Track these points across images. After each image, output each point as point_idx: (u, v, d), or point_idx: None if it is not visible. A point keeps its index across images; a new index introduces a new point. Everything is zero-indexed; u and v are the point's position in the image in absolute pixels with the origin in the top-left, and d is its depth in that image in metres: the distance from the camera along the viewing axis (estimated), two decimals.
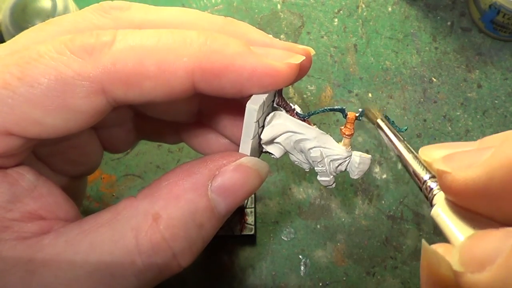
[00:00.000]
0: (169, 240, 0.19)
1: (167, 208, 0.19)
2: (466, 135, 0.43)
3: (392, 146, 0.21)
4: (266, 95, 0.21)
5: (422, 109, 0.44)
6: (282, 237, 0.41)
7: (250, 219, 0.40)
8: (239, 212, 0.40)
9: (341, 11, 0.48)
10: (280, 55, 0.21)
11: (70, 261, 0.18)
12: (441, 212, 0.17)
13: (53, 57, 0.18)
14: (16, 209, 0.19)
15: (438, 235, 0.41)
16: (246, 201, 0.41)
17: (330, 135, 0.23)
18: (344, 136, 0.23)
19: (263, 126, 0.22)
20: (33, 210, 0.19)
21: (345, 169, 0.23)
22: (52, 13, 0.42)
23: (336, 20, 0.48)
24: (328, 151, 0.23)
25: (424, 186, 0.19)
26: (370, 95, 0.45)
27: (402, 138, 0.21)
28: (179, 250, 0.19)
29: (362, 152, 0.24)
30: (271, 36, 0.22)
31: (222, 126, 0.26)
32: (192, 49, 0.19)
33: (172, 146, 0.44)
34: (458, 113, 0.44)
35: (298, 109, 0.23)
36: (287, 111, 0.23)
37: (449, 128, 0.44)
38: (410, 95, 0.45)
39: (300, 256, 0.41)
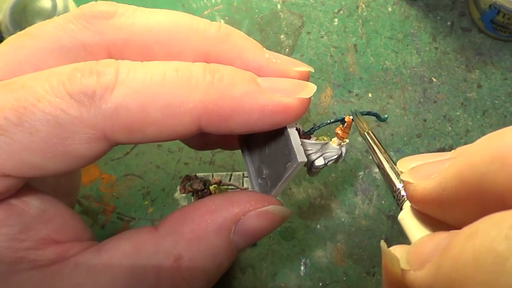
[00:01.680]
0: (189, 280, 0.19)
1: (189, 250, 0.19)
2: (466, 135, 0.43)
3: (374, 156, 0.22)
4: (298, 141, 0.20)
5: (422, 109, 0.44)
6: (282, 237, 0.41)
7: None
8: None
9: (341, 11, 0.48)
10: (290, 88, 0.20)
11: None
12: (405, 217, 0.19)
13: (51, 102, 0.17)
14: (29, 238, 0.18)
15: None
16: None
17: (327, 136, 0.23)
18: (338, 137, 0.23)
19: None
20: (45, 236, 0.19)
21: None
22: (52, 13, 0.42)
23: (336, 20, 0.48)
24: (328, 155, 0.23)
25: (396, 193, 0.20)
26: (370, 95, 0.45)
27: (384, 150, 0.22)
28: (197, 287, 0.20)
29: (362, 151, 0.24)
30: (267, 54, 0.21)
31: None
32: (198, 92, 0.18)
33: (172, 146, 0.44)
34: (458, 113, 0.44)
35: (300, 127, 0.23)
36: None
37: (449, 128, 0.44)
38: (410, 95, 0.45)
39: (300, 256, 0.41)
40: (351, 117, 0.23)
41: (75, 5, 0.45)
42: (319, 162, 0.23)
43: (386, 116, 0.25)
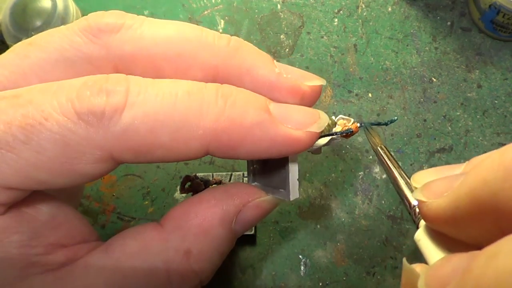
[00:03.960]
0: (198, 272, 0.20)
1: (197, 244, 0.20)
2: (466, 135, 0.43)
3: (388, 172, 0.22)
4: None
5: (422, 109, 0.44)
6: (282, 237, 0.41)
7: None
8: None
9: (341, 11, 0.48)
10: (302, 120, 0.19)
11: None
12: (422, 237, 0.19)
13: (59, 121, 0.16)
14: (40, 244, 0.18)
15: None
16: None
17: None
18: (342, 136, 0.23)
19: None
20: (55, 241, 0.19)
21: None
22: (52, 13, 0.42)
23: (336, 20, 0.48)
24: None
25: (412, 210, 0.20)
26: (370, 95, 0.45)
27: (398, 165, 0.22)
28: (205, 277, 0.21)
29: (362, 151, 0.24)
30: (278, 68, 0.21)
31: None
32: (209, 119, 0.18)
33: None
34: (458, 113, 0.44)
35: None
36: None
37: (449, 128, 0.44)
38: (410, 95, 0.45)
39: (300, 256, 0.41)
40: (358, 125, 0.23)
41: (75, 6, 0.45)
42: (322, 141, 0.23)
43: (395, 118, 0.25)
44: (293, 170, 0.21)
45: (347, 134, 0.23)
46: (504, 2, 0.41)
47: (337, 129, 0.23)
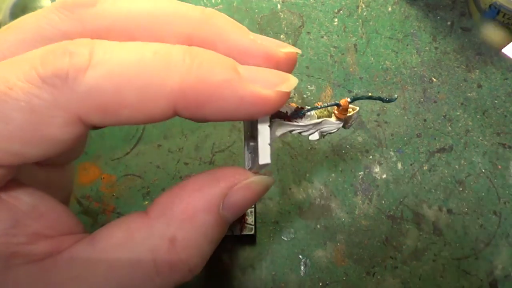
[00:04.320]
0: (186, 259, 0.19)
1: (182, 230, 0.19)
2: (466, 135, 0.43)
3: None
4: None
5: (422, 109, 0.44)
6: (282, 237, 0.41)
7: (250, 219, 0.40)
8: None
9: (341, 11, 0.48)
10: (270, 80, 0.19)
11: (89, 283, 0.18)
12: None
13: (24, 88, 0.16)
14: (21, 233, 0.18)
15: (438, 235, 0.41)
16: None
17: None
18: (336, 116, 0.23)
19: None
20: (37, 231, 0.19)
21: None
22: None
23: (336, 20, 0.48)
24: (325, 129, 0.23)
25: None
26: (370, 95, 0.45)
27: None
28: (194, 265, 0.20)
29: (362, 151, 0.24)
30: (252, 36, 0.21)
31: None
32: (175, 77, 0.17)
33: (172, 146, 0.44)
34: (458, 113, 0.44)
35: (290, 110, 0.22)
36: (281, 118, 0.22)
37: (449, 128, 0.44)
38: (410, 95, 0.45)
39: (300, 256, 0.41)
40: (348, 100, 0.22)
41: None
42: (314, 137, 0.23)
43: (396, 96, 0.24)
44: (263, 132, 0.20)
45: (340, 112, 0.22)
46: (504, 2, 0.41)
47: (333, 118, 0.23)
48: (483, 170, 0.42)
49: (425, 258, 0.41)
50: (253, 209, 0.40)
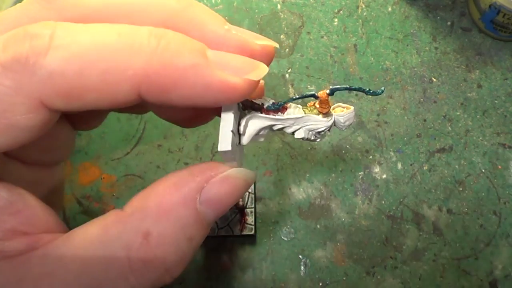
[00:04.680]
0: (161, 256, 0.18)
1: (157, 225, 0.18)
2: (466, 135, 0.43)
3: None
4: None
5: (422, 109, 0.44)
6: (282, 237, 0.41)
7: (250, 219, 0.40)
8: (239, 212, 0.40)
9: (341, 11, 0.48)
10: (240, 67, 0.19)
11: (62, 279, 0.17)
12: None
13: None
14: None
15: (438, 235, 0.41)
16: (246, 201, 0.41)
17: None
18: (322, 114, 0.22)
19: (238, 126, 0.21)
20: (13, 227, 0.18)
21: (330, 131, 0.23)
22: None
23: (336, 20, 0.48)
24: (312, 127, 0.22)
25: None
26: (348, 86, 0.45)
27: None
28: (171, 265, 0.19)
29: (362, 151, 0.24)
30: (228, 26, 0.20)
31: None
32: (139, 59, 0.17)
33: (172, 146, 0.44)
34: (458, 113, 0.44)
35: (267, 103, 0.21)
36: (256, 110, 0.21)
37: (449, 128, 0.44)
38: (410, 95, 0.45)
39: (300, 256, 0.41)
40: (327, 92, 0.21)
41: None
42: (299, 134, 0.22)
43: (382, 88, 0.22)
44: (226, 119, 0.20)
45: (320, 106, 0.21)
46: (504, 2, 0.41)
47: (340, 119, 0.22)
48: (483, 170, 0.42)
49: (425, 258, 0.41)
50: (253, 209, 0.40)
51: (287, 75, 0.46)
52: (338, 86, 0.21)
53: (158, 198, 0.19)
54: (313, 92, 0.21)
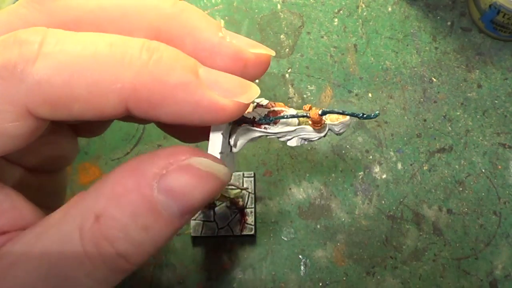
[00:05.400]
0: (111, 240, 0.17)
1: (108, 208, 0.17)
2: (466, 135, 0.43)
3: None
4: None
5: (422, 109, 0.44)
6: (282, 237, 0.41)
7: (250, 219, 0.40)
8: (239, 212, 0.40)
9: (341, 11, 0.48)
10: (231, 88, 0.18)
11: (24, 268, 0.17)
12: None
13: None
14: None
15: (438, 235, 0.41)
16: (246, 201, 0.41)
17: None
18: (317, 129, 0.21)
19: (229, 138, 0.21)
20: None
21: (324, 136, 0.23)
22: None
23: (336, 20, 0.48)
24: (305, 137, 0.22)
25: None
26: (370, 95, 0.45)
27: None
28: (124, 251, 0.18)
29: (362, 151, 0.24)
30: (222, 33, 0.20)
31: None
32: (129, 72, 0.16)
33: None
34: (458, 113, 0.44)
35: (259, 116, 0.21)
36: (247, 123, 0.21)
37: (449, 128, 0.44)
38: (410, 95, 0.45)
39: (300, 256, 0.41)
40: (319, 113, 0.21)
41: None
42: (291, 143, 0.22)
43: (377, 112, 0.21)
44: (214, 140, 0.20)
45: (313, 123, 0.21)
46: (504, 2, 0.41)
47: (335, 128, 0.22)
48: (483, 170, 0.42)
49: (425, 258, 0.41)
50: (253, 209, 0.40)
51: (287, 75, 0.46)
52: (330, 110, 0.21)
53: (114, 180, 0.18)
54: (305, 113, 0.21)
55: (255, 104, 0.22)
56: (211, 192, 0.18)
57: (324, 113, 0.21)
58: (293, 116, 0.21)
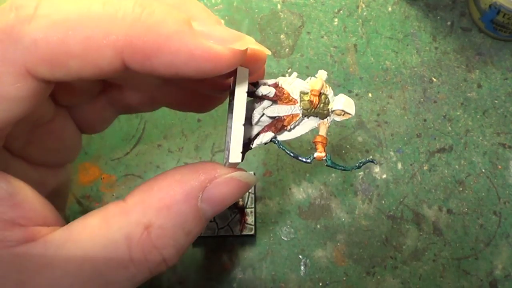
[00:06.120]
0: (160, 248, 0.19)
1: (158, 219, 0.19)
2: (466, 135, 0.43)
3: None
4: (243, 108, 0.20)
5: (422, 109, 0.44)
6: (282, 237, 0.41)
7: (250, 219, 0.40)
8: (239, 212, 0.40)
9: (341, 11, 0.48)
10: (225, 37, 0.19)
11: (63, 269, 0.18)
12: None
13: None
14: None
15: (438, 235, 0.41)
16: (246, 201, 0.41)
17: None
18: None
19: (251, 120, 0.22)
20: (11, 219, 0.18)
21: None
22: None
23: (336, 20, 0.48)
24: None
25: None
26: (370, 95, 0.45)
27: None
28: (168, 255, 0.20)
29: (362, 151, 0.24)
30: (215, 20, 0.20)
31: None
32: (123, 24, 0.17)
33: (172, 146, 0.44)
34: (458, 113, 0.44)
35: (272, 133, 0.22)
36: (270, 100, 0.23)
37: (449, 128, 0.44)
38: (410, 95, 0.45)
39: (300, 256, 0.41)
40: (324, 157, 0.23)
41: None
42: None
43: (374, 161, 0.25)
44: (237, 129, 0.20)
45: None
46: (504, 2, 0.41)
47: (336, 118, 0.23)
48: (483, 170, 0.42)
49: (425, 258, 0.41)
50: (253, 209, 0.40)
51: (287, 75, 0.46)
52: (333, 165, 0.23)
53: (161, 192, 0.20)
54: (309, 160, 0.23)
55: (261, 94, 0.22)
56: (240, 196, 0.21)
57: (329, 159, 0.23)
58: (295, 157, 0.23)
